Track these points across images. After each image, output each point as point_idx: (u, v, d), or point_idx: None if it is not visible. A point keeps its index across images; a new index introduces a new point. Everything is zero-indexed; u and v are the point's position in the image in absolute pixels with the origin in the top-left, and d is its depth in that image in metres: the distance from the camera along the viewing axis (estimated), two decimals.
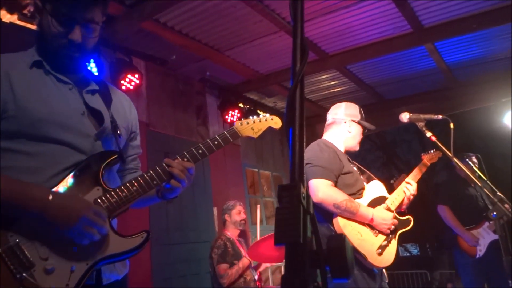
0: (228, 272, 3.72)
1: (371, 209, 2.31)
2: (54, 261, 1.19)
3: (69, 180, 1.28)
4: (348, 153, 2.60)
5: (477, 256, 3.84)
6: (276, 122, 1.74)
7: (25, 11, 3.36)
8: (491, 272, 3.81)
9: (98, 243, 1.25)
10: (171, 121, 4.76)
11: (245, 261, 3.80)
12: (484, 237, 3.85)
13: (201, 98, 5.38)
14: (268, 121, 1.73)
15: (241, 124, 1.66)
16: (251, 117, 1.72)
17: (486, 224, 3.87)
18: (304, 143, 0.72)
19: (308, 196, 0.66)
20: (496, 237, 3.71)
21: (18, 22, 3.40)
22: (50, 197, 1.19)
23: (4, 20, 3.33)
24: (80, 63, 1.42)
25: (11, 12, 3.35)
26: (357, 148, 2.60)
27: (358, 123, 2.57)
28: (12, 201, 1.16)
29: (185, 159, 1.45)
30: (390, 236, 2.34)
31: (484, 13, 4.12)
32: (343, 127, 2.56)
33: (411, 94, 6.28)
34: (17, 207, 1.17)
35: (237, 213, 4.14)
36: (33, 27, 1.43)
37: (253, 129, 1.68)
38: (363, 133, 2.61)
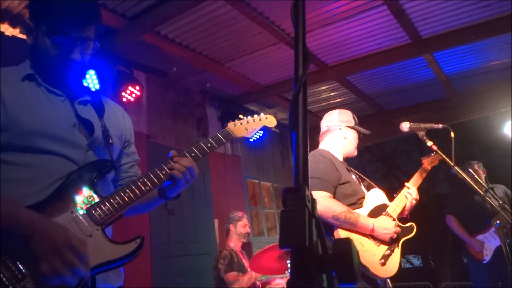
0: (239, 278, 3.68)
1: (371, 219, 2.26)
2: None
3: (61, 190, 1.27)
4: (347, 160, 2.58)
5: (484, 260, 3.96)
6: (270, 121, 1.71)
7: None
8: (503, 276, 3.83)
9: (91, 251, 1.23)
10: (171, 133, 4.76)
11: (253, 274, 3.77)
12: (490, 241, 3.97)
13: (202, 110, 5.39)
14: (262, 120, 1.69)
15: (234, 125, 1.63)
16: (244, 117, 1.68)
17: (493, 229, 3.92)
18: (308, 147, 0.72)
19: (313, 200, 0.65)
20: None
21: (21, 36, 3.43)
22: (35, 223, 1.13)
23: (6, 33, 3.36)
24: (76, 77, 1.44)
25: (13, 25, 3.38)
26: (355, 153, 2.58)
27: (353, 128, 2.55)
28: None
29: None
30: (393, 245, 2.30)
31: (482, 24, 4.17)
32: (338, 133, 2.54)
33: (410, 104, 6.30)
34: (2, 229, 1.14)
35: (243, 225, 4.14)
36: None
37: (246, 129, 1.65)
38: (359, 138, 2.59)
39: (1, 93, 1.27)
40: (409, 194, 2.48)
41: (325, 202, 2.18)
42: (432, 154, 2.83)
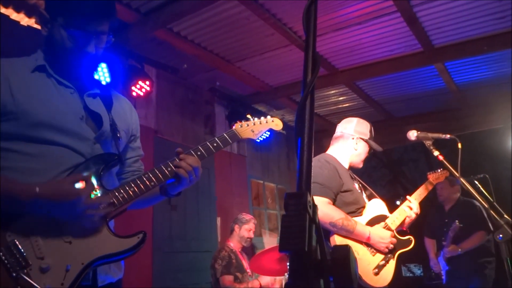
0: (235, 286, 3.68)
1: (368, 228, 2.27)
2: (49, 260, 1.20)
3: None
4: (352, 168, 2.58)
5: (443, 280, 4.14)
6: (277, 124, 1.72)
7: None
8: None
9: (94, 242, 1.26)
10: (179, 129, 4.79)
11: (255, 283, 3.76)
12: (441, 264, 4.15)
13: (210, 108, 5.41)
14: (268, 123, 1.70)
15: (241, 126, 1.65)
16: (251, 119, 1.69)
17: (442, 253, 4.09)
18: (312, 153, 0.73)
19: (314, 205, 0.66)
20: (447, 267, 4.02)
21: (36, 26, 3.47)
22: (37, 189, 1.19)
23: (22, 23, 3.41)
24: (87, 70, 1.46)
25: (29, 15, 3.43)
26: (360, 165, 2.57)
27: (366, 141, 2.54)
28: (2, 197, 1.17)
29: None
30: (389, 255, 2.29)
31: (495, 35, 4.13)
32: (350, 143, 2.53)
33: (419, 112, 6.27)
34: (7, 202, 1.17)
35: (248, 229, 4.12)
36: None
37: (253, 131, 1.66)
38: (369, 152, 2.58)
39: (10, 83, 1.29)
40: (409, 208, 2.47)
41: (323, 208, 2.19)
42: (439, 171, 2.83)
